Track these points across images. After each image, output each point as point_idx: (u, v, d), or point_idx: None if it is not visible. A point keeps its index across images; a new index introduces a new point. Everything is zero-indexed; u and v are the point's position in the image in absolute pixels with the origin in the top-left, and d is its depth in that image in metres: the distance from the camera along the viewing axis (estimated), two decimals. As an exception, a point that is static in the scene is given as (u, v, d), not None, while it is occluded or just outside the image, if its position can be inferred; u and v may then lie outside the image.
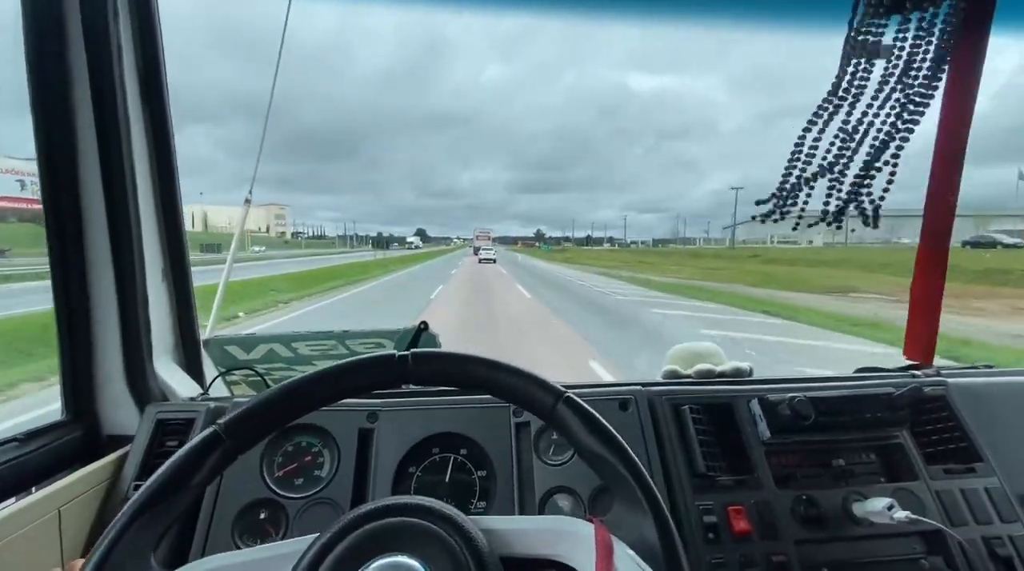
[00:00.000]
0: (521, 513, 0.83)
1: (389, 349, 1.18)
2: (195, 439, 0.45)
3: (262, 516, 0.82)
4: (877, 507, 0.76)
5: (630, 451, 0.46)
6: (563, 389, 0.49)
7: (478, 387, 0.50)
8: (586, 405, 0.48)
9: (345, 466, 0.86)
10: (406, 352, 0.49)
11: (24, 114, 0.83)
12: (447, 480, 0.88)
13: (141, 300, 0.92)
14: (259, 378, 1.13)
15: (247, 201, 1.49)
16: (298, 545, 0.44)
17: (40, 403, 3.86)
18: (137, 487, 0.83)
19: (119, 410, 0.93)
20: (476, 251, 59.94)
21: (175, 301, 1.03)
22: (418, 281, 19.87)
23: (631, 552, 0.41)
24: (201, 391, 1.05)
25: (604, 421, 0.47)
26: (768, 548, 0.77)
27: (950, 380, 0.98)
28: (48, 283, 0.87)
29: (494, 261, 38.22)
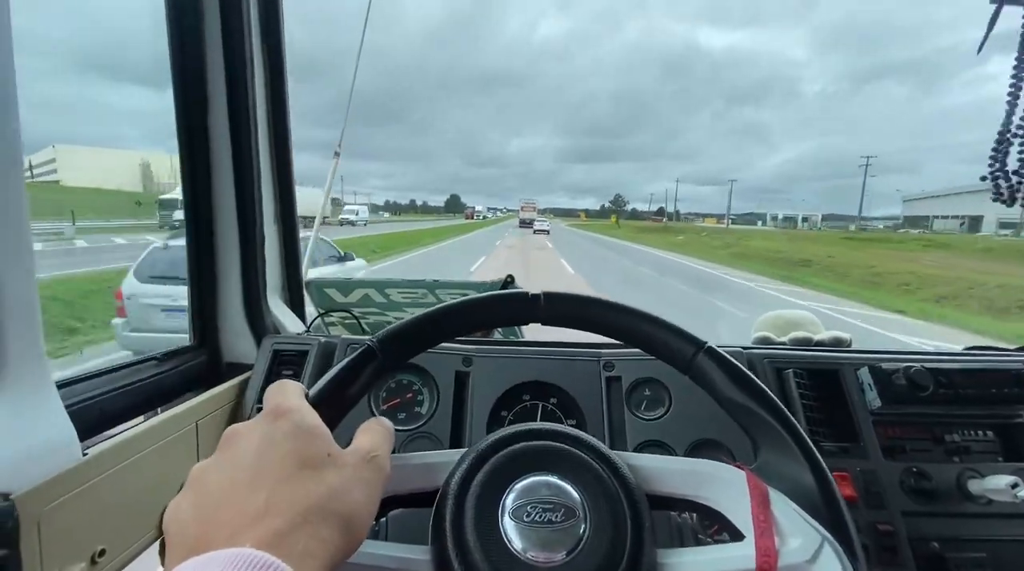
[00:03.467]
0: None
1: None
2: (352, 354, 0.46)
3: None
4: (1000, 484, 0.72)
5: (777, 400, 0.45)
6: (703, 340, 0.47)
7: (609, 332, 0.50)
8: (727, 355, 0.47)
9: (443, 405, 0.90)
10: (539, 292, 0.49)
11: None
12: None
13: (259, 242, 0.99)
14: (355, 321, 1.19)
15: (336, 153, 1.54)
16: (452, 455, 0.46)
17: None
18: (259, 409, 0.90)
19: (238, 340, 1.01)
20: (522, 223, 59.41)
21: (283, 245, 1.09)
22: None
23: (789, 501, 0.40)
24: (304, 328, 1.11)
25: (748, 371, 0.46)
26: (873, 517, 0.75)
27: None
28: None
29: (548, 232, 41.83)
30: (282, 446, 0.33)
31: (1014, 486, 0.72)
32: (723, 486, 0.43)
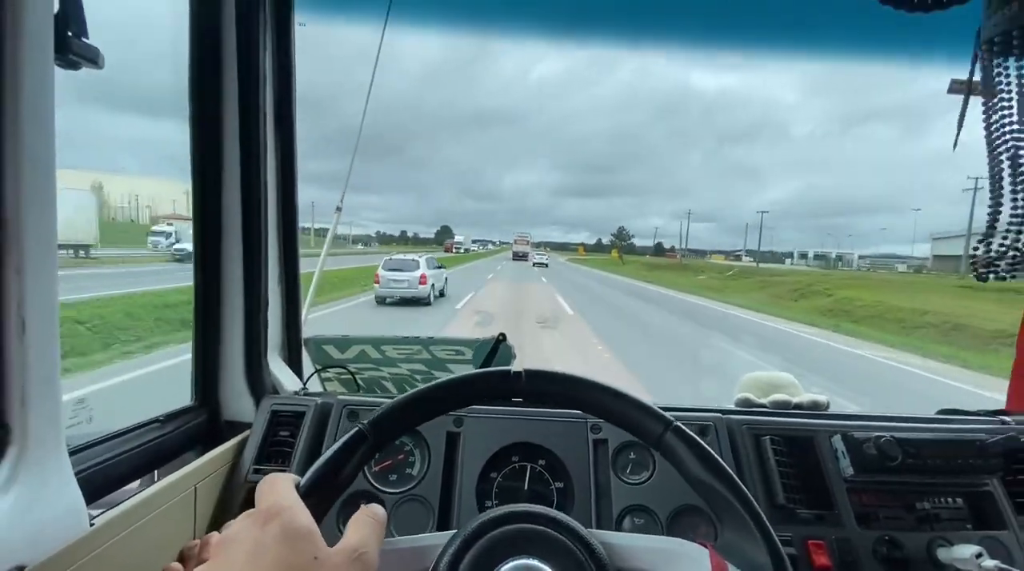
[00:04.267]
0: (598, 528, 0.88)
1: (468, 356, 1.25)
2: (344, 437, 0.50)
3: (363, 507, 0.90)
4: (965, 554, 0.76)
5: (739, 481, 0.49)
6: (671, 418, 0.51)
7: (586, 408, 0.54)
8: (694, 435, 0.51)
9: (434, 467, 0.93)
10: (520, 369, 0.53)
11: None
12: (525, 488, 0.93)
13: (263, 303, 1.04)
14: (350, 377, 1.22)
15: (338, 209, 1.60)
16: (440, 538, 0.50)
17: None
18: (256, 471, 0.93)
19: (237, 399, 1.04)
20: (515, 256, 59.77)
21: (285, 304, 1.14)
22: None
23: None
24: (302, 385, 1.15)
25: (712, 451, 0.50)
26: None
27: None
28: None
29: (546, 265, 40.49)
30: (270, 554, 0.35)
31: (978, 556, 0.75)
32: (688, 563, 0.47)
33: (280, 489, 0.40)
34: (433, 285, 13.52)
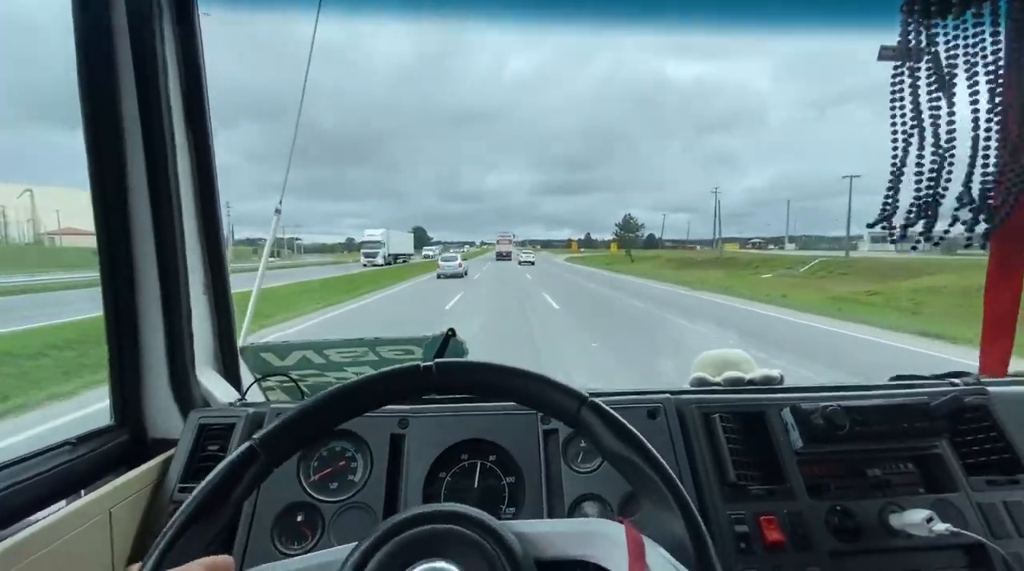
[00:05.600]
0: (551, 518, 0.84)
1: (418, 355, 1.20)
2: (232, 455, 0.46)
3: (299, 519, 0.85)
4: (916, 519, 0.75)
5: (655, 452, 0.46)
6: (586, 394, 0.49)
7: (502, 395, 0.51)
8: (609, 409, 0.48)
9: (378, 471, 0.88)
10: (430, 362, 0.50)
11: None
12: (476, 486, 0.89)
13: (185, 312, 0.97)
14: (293, 384, 1.16)
15: (277, 211, 1.54)
16: (339, 553, 0.45)
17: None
18: (182, 489, 0.87)
19: (164, 415, 0.97)
20: (499, 256, 59.63)
21: (215, 312, 1.07)
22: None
23: (662, 550, 0.42)
24: (239, 396, 1.08)
25: (628, 424, 0.48)
26: (802, 559, 0.76)
27: (991, 389, 0.95)
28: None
29: (532, 263, 42.44)
30: None
31: (929, 520, 0.74)
32: (607, 542, 0.45)
33: None
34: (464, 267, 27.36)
